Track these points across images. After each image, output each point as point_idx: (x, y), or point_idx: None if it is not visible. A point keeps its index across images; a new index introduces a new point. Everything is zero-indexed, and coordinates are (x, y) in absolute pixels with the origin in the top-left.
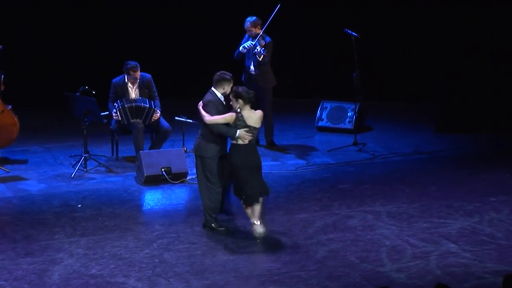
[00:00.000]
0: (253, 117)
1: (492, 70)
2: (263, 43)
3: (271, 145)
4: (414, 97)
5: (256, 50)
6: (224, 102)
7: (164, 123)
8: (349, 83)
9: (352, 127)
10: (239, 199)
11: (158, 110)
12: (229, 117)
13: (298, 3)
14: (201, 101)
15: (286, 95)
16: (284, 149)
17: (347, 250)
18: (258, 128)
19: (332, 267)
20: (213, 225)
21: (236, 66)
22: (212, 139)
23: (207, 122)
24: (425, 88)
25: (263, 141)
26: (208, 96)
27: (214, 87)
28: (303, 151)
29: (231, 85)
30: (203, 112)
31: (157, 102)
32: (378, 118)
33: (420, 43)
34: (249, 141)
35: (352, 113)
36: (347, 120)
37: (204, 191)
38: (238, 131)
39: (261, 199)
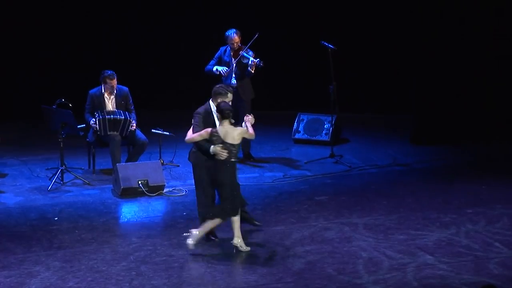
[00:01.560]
0: (231, 133)
1: (466, 82)
2: (252, 54)
3: (248, 158)
4: (390, 109)
5: (250, 62)
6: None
7: (141, 135)
8: (326, 95)
9: (329, 139)
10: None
11: (134, 122)
12: (204, 133)
13: (274, 15)
14: None
15: (263, 107)
16: (261, 161)
17: (324, 262)
18: (237, 145)
19: (309, 279)
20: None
21: (210, 79)
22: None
23: (186, 141)
24: (400, 100)
25: (240, 154)
26: (200, 108)
27: (211, 99)
28: (280, 163)
29: (226, 99)
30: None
31: (133, 115)
32: (355, 130)
33: (395, 55)
34: (227, 157)
35: (329, 125)
36: (324, 132)
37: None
38: (212, 147)
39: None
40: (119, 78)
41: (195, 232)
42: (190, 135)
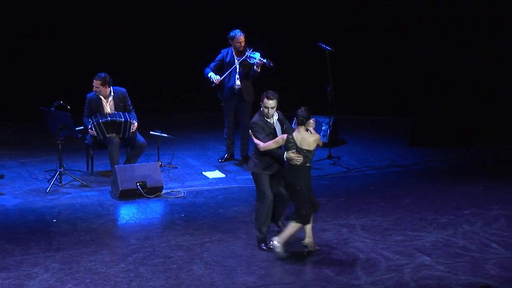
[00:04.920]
0: (306, 139)
1: (464, 85)
2: (259, 55)
3: (246, 159)
4: (387, 111)
5: (257, 61)
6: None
7: (140, 137)
8: (324, 97)
9: (326, 141)
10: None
11: (134, 121)
12: (280, 140)
13: (272, 17)
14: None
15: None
16: None
17: (322, 263)
18: (312, 151)
19: (307, 280)
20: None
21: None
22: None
23: (261, 149)
24: (397, 103)
25: (238, 155)
26: (255, 118)
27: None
28: None
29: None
30: (256, 141)
31: (133, 114)
32: (352, 132)
33: (393, 57)
34: (301, 162)
35: (327, 126)
36: (322, 133)
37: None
38: (286, 153)
39: (292, 222)
40: (117, 79)
41: (276, 243)
42: (263, 143)
